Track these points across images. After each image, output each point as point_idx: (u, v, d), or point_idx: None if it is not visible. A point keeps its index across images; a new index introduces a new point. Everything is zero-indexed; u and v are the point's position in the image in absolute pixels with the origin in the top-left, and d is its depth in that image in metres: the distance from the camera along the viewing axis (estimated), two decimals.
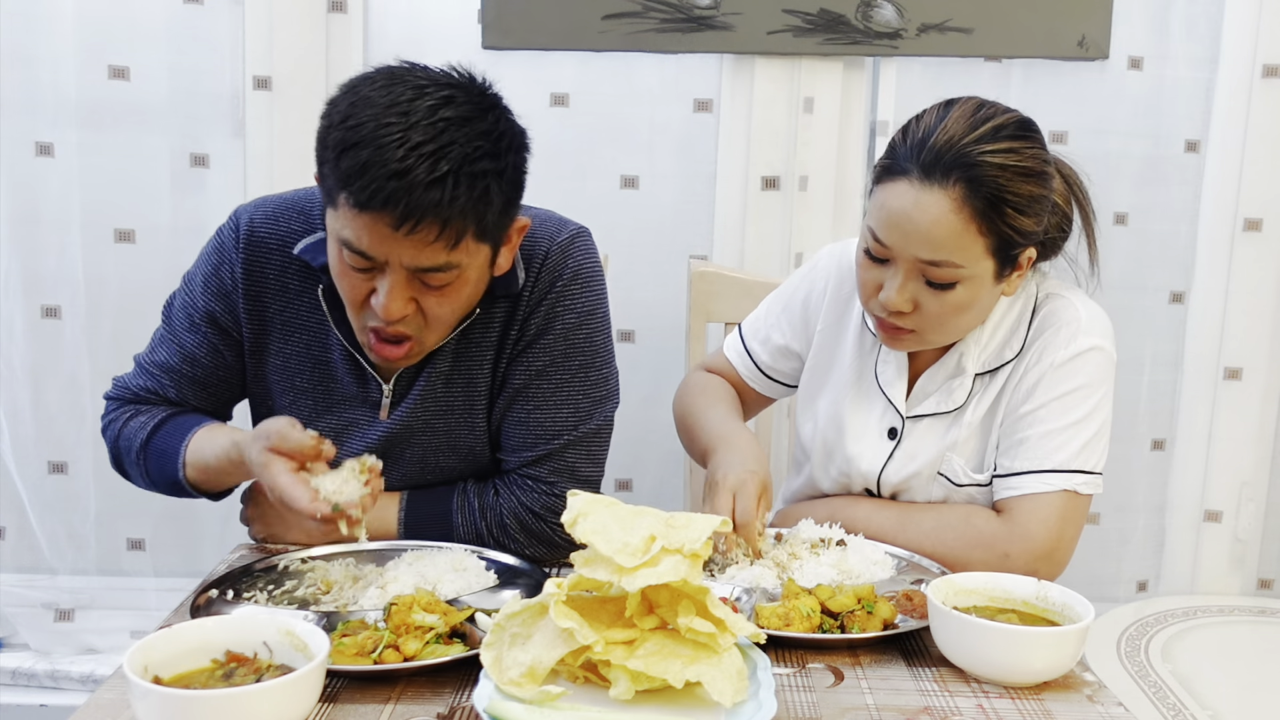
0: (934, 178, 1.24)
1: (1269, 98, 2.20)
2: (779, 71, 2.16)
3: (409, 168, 1.08)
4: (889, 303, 1.30)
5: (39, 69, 2.16)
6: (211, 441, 1.29)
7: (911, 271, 1.28)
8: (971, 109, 1.28)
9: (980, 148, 1.23)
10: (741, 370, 1.62)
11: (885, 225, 1.28)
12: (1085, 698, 1.02)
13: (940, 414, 1.42)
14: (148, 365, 1.39)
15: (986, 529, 1.34)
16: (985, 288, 1.30)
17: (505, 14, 2.13)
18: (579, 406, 1.35)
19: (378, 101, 1.11)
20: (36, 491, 2.31)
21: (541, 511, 1.32)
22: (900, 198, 1.26)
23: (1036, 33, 2.16)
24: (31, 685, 2.32)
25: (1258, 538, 2.38)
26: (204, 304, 1.35)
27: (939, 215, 1.24)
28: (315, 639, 0.93)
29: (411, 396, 1.34)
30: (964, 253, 1.25)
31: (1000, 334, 1.40)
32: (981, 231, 1.25)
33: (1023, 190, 1.25)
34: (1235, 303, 2.28)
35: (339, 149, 1.11)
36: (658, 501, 1.18)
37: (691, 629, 0.89)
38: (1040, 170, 1.28)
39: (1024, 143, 1.27)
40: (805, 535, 1.36)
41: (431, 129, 1.10)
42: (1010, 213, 1.25)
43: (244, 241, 1.33)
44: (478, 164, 1.12)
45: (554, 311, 1.33)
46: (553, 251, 1.34)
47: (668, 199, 2.25)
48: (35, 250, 2.22)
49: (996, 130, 1.25)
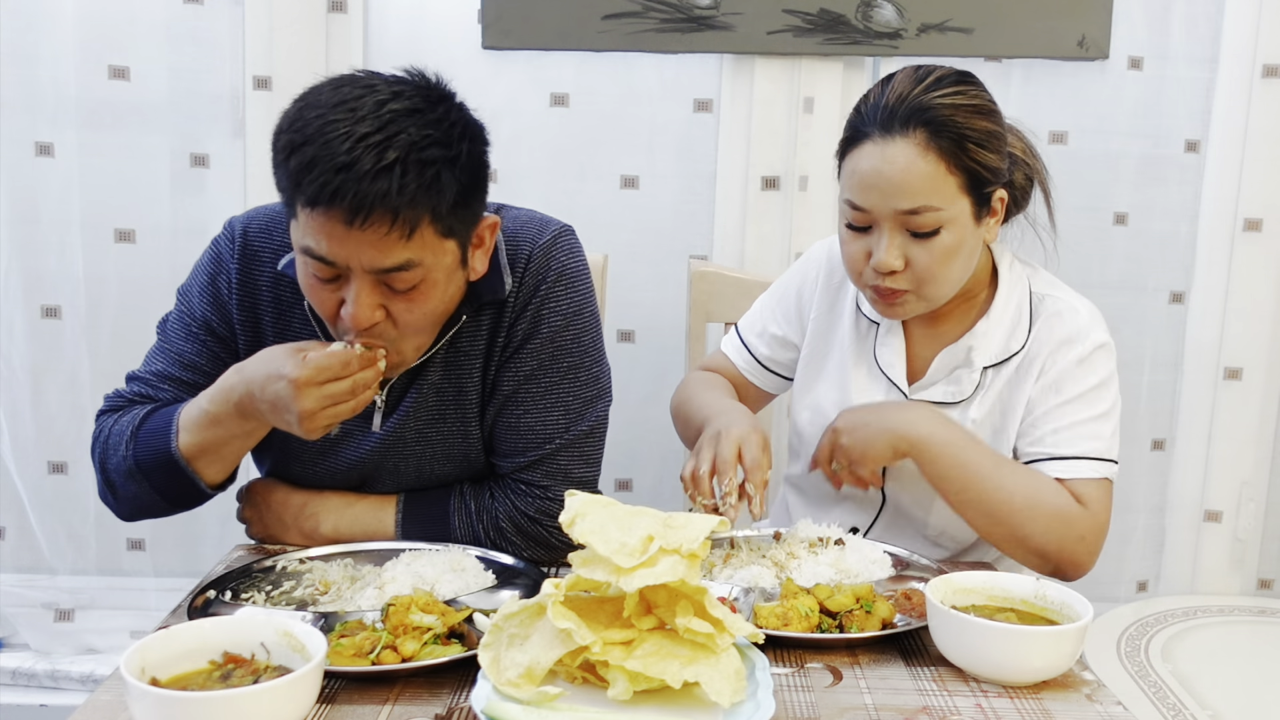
0: (894, 130, 1.30)
1: (1269, 98, 2.20)
2: (779, 71, 2.16)
3: (355, 159, 1.06)
4: (880, 264, 1.33)
5: (39, 69, 2.16)
6: (207, 393, 1.25)
7: (895, 227, 1.32)
8: (911, 70, 1.35)
9: (930, 95, 1.30)
10: (740, 365, 1.64)
11: (860, 188, 1.33)
12: (1084, 697, 1.02)
13: (945, 404, 1.44)
14: (144, 375, 1.35)
15: (1073, 509, 1.34)
16: (968, 229, 1.34)
17: (505, 14, 2.13)
18: (570, 408, 1.34)
19: (325, 102, 1.10)
20: (36, 491, 2.31)
21: (537, 515, 1.32)
22: (868, 158, 1.32)
23: (1036, 33, 2.16)
24: (31, 685, 2.33)
25: (1258, 538, 2.38)
26: (201, 313, 1.34)
27: (908, 162, 1.29)
28: (313, 640, 0.93)
29: (403, 407, 1.34)
30: (939, 194, 1.30)
31: (1004, 326, 1.43)
32: (951, 169, 1.30)
33: (979, 125, 1.31)
34: (1235, 303, 2.28)
35: (287, 151, 1.10)
36: (657, 501, 1.18)
37: (689, 629, 0.89)
38: (990, 108, 1.34)
39: (968, 85, 1.34)
40: (803, 534, 1.36)
41: (378, 120, 1.09)
42: (973, 148, 1.30)
43: (239, 252, 1.32)
44: (426, 151, 1.10)
45: (540, 314, 1.32)
46: (535, 254, 1.32)
47: (668, 199, 2.25)
48: (35, 250, 2.22)
49: (940, 79, 1.32)
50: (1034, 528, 1.33)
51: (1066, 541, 1.33)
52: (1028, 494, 1.34)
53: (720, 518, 0.95)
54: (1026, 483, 1.35)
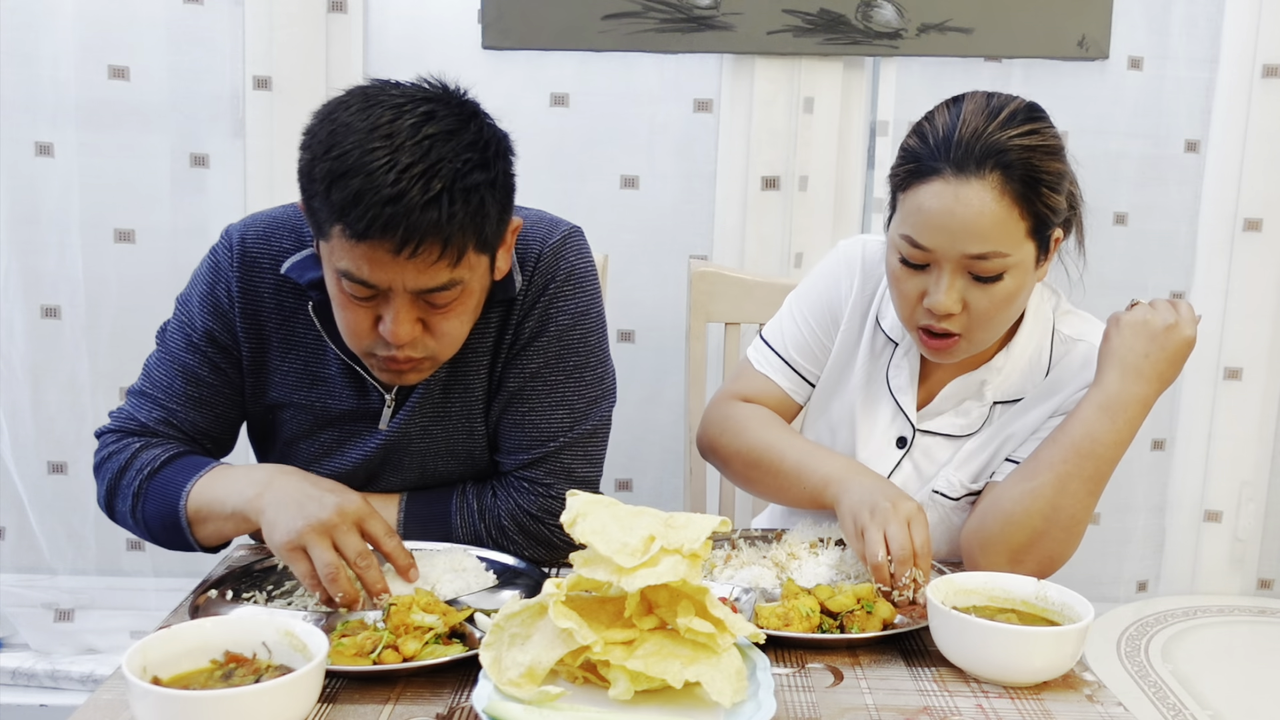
0: (969, 170, 1.23)
1: (1269, 98, 2.20)
2: (779, 71, 2.16)
3: (403, 191, 1.06)
4: (939, 306, 1.26)
5: (39, 69, 2.16)
6: (240, 473, 1.24)
7: (957, 270, 1.26)
8: (983, 101, 1.28)
9: (1006, 134, 1.24)
10: (786, 386, 1.52)
11: (926, 228, 1.25)
12: (1085, 697, 1.02)
13: (951, 436, 1.41)
14: (147, 390, 1.34)
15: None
16: (1028, 274, 1.29)
17: (505, 14, 2.13)
18: (574, 408, 1.35)
19: (358, 127, 1.09)
20: (36, 491, 2.31)
21: (539, 514, 1.32)
22: (938, 197, 1.24)
23: (1036, 33, 2.16)
24: (31, 685, 2.33)
25: (1258, 538, 2.38)
26: (202, 323, 1.32)
27: (982, 206, 1.22)
28: (314, 639, 0.93)
29: (409, 405, 1.34)
30: (1009, 240, 1.24)
31: (1022, 364, 1.39)
32: (1023, 215, 1.24)
33: (1052, 167, 1.26)
34: (1235, 303, 2.28)
35: (327, 180, 1.08)
36: (657, 501, 1.18)
37: (691, 629, 0.89)
38: (1060, 147, 1.29)
39: (1042, 123, 1.28)
40: (804, 535, 1.36)
41: (418, 149, 1.08)
42: (1045, 192, 1.25)
43: (238, 259, 1.31)
44: (470, 177, 1.10)
45: (547, 314, 1.32)
46: (545, 254, 1.32)
47: (668, 199, 2.25)
48: (35, 250, 2.22)
49: (1014, 115, 1.26)
50: (1027, 556, 1.30)
51: (1046, 552, 1.30)
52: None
53: (722, 518, 0.94)
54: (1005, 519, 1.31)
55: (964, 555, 1.35)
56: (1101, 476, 1.27)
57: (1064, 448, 1.27)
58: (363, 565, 1.12)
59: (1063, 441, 1.27)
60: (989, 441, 1.40)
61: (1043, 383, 1.38)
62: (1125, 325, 1.26)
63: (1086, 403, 1.27)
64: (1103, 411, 1.25)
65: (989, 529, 1.31)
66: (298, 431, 1.37)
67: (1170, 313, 1.26)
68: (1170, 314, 1.25)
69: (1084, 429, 1.26)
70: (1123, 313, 1.28)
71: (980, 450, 1.40)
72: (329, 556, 1.11)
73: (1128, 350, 1.25)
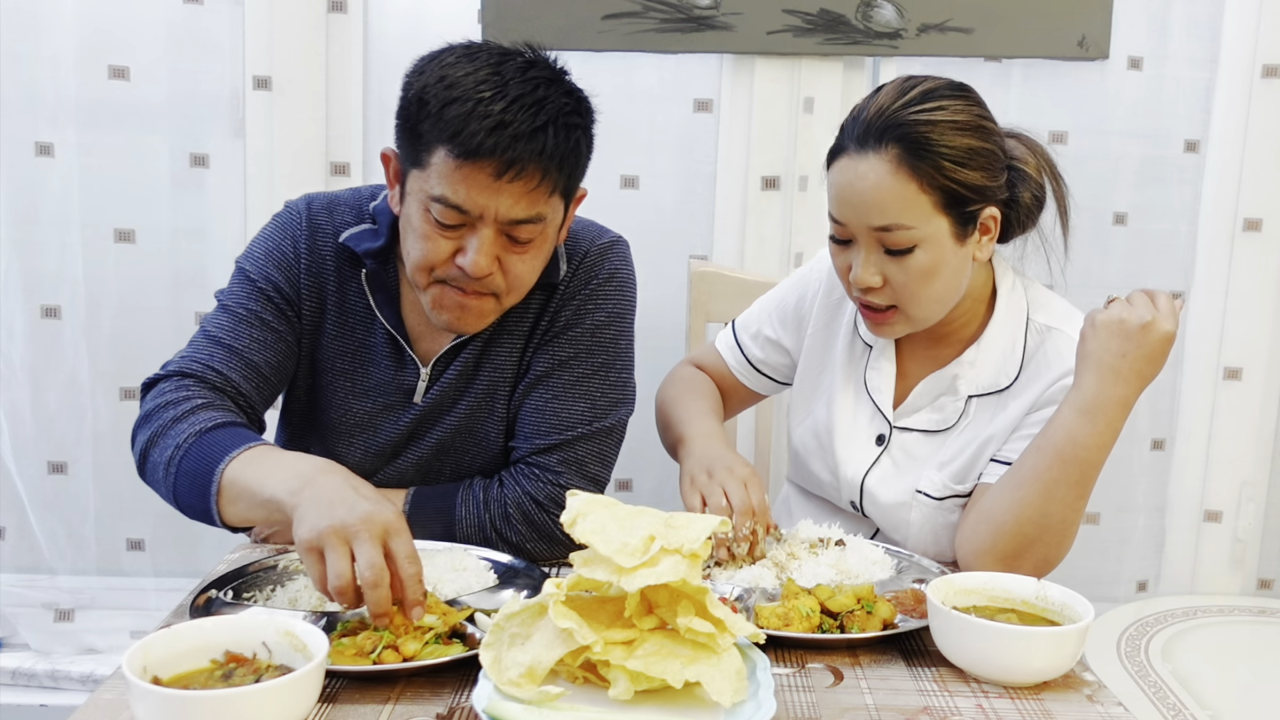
0: (868, 145, 1.28)
1: (1269, 98, 2.20)
2: (779, 71, 2.16)
3: (513, 118, 1.15)
4: (857, 279, 1.33)
5: (39, 69, 2.15)
6: (286, 460, 1.16)
7: (871, 243, 1.31)
8: (899, 81, 1.32)
9: (908, 110, 1.28)
10: (731, 364, 1.64)
11: (836, 202, 1.34)
12: (1085, 698, 1.02)
13: (929, 432, 1.42)
14: (211, 332, 1.31)
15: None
16: (947, 249, 1.31)
17: (505, 14, 2.13)
18: (596, 403, 1.38)
19: (466, 68, 1.19)
20: (36, 491, 2.31)
21: (545, 502, 1.33)
22: (843, 172, 1.31)
23: (1036, 33, 2.16)
24: (31, 685, 2.33)
25: (1258, 538, 2.38)
26: (268, 274, 1.35)
27: (878, 179, 1.27)
28: (314, 639, 0.93)
29: (444, 380, 1.38)
30: (911, 212, 1.28)
31: (994, 357, 1.39)
32: (923, 188, 1.27)
33: (957, 142, 1.27)
34: (1235, 303, 2.28)
35: (441, 104, 1.17)
36: (658, 501, 1.18)
37: (691, 629, 0.89)
38: (976, 124, 1.29)
39: (954, 100, 1.30)
40: (804, 535, 1.36)
41: (526, 84, 1.18)
42: (948, 165, 1.27)
43: (306, 221, 1.37)
44: (570, 118, 1.21)
45: (585, 307, 1.38)
46: (592, 252, 1.40)
47: (668, 199, 2.25)
48: (35, 250, 2.22)
49: (925, 94, 1.29)
50: (1022, 562, 1.30)
51: (1040, 556, 1.30)
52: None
53: (723, 518, 0.94)
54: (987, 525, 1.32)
55: (960, 562, 1.36)
56: (1088, 479, 1.26)
57: (1048, 454, 1.26)
58: (370, 581, 1.01)
59: (1046, 448, 1.26)
60: (970, 440, 1.40)
61: (1020, 376, 1.38)
62: (1101, 326, 1.23)
63: (1066, 407, 1.26)
64: (1083, 415, 1.24)
65: (982, 538, 1.31)
66: (333, 401, 1.40)
67: (1147, 308, 1.22)
68: (1147, 310, 1.22)
69: (1065, 434, 1.25)
70: (1099, 312, 1.25)
71: (962, 450, 1.40)
72: (341, 566, 1.01)
73: (1104, 351, 1.22)
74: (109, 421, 2.27)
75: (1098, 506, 2.35)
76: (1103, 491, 1.36)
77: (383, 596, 1.01)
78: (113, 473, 2.28)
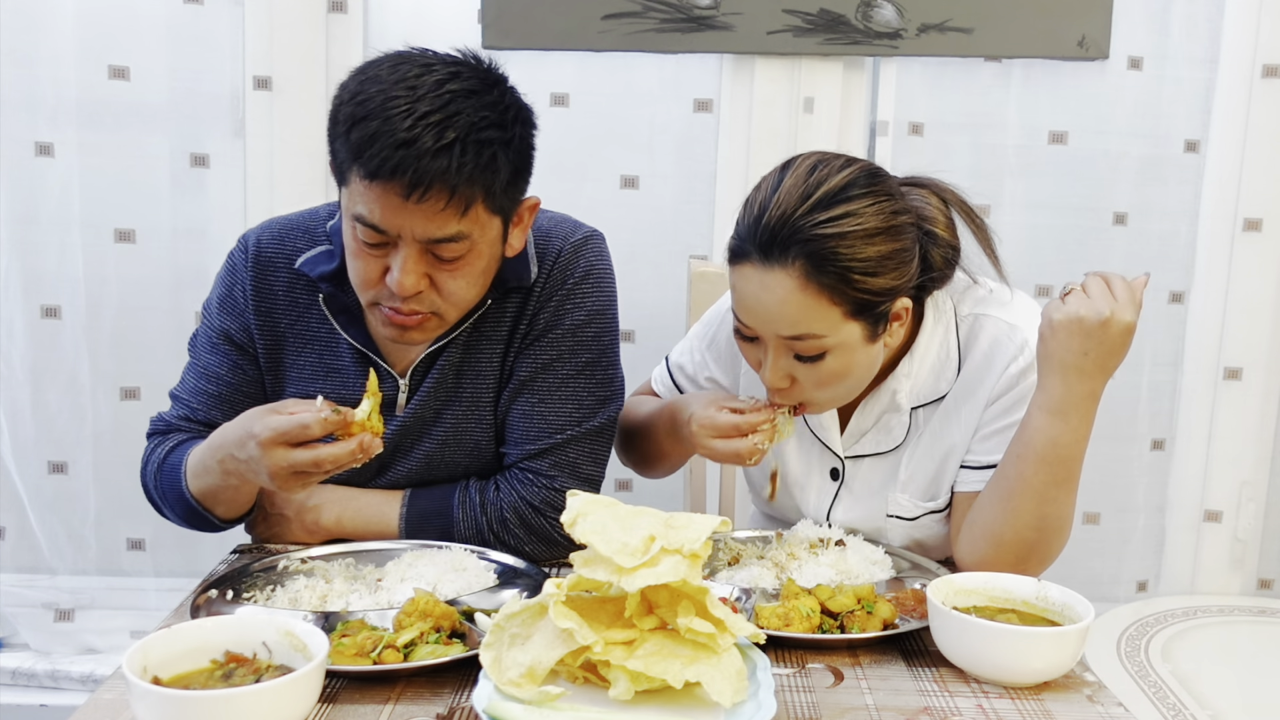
0: (773, 258, 1.19)
1: (1269, 98, 2.20)
2: (779, 71, 2.17)
3: (416, 136, 1.11)
4: (767, 383, 1.28)
5: (39, 69, 2.16)
6: (204, 445, 1.27)
7: (780, 348, 1.24)
8: (804, 173, 1.21)
9: (813, 219, 1.18)
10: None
11: (741, 308, 1.26)
12: (1085, 698, 1.02)
13: (880, 454, 1.40)
14: (177, 394, 1.41)
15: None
16: (858, 349, 1.25)
17: (505, 14, 2.13)
18: (583, 403, 1.37)
19: (386, 78, 1.14)
20: (36, 491, 2.31)
21: (541, 506, 1.33)
22: (748, 281, 1.22)
23: (1036, 33, 2.16)
24: (31, 685, 2.33)
25: (1258, 538, 2.38)
26: (220, 324, 1.39)
27: (786, 295, 1.19)
28: (314, 639, 0.93)
29: (424, 389, 1.36)
30: (822, 323, 1.21)
31: (929, 364, 1.36)
32: (834, 301, 1.20)
33: (867, 253, 1.19)
34: (1235, 303, 2.28)
35: (349, 123, 1.14)
36: (657, 501, 1.17)
37: (691, 629, 0.89)
38: (886, 226, 1.20)
39: (862, 202, 1.20)
40: (804, 535, 1.36)
41: (438, 99, 1.13)
42: (859, 278, 1.19)
43: (252, 261, 1.37)
44: (484, 132, 1.15)
45: (563, 307, 1.36)
46: (566, 250, 1.37)
47: (668, 199, 2.25)
48: (35, 250, 2.22)
49: (830, 196, 1.19)
50: (1026, 565, 1.28)
51: (1042, 555, 1.29)
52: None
53: (723, 518, 0.94)
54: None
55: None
56: (1073, 474, 1.26)
57: (1030, 461, 1.24)
58: (327, 466, 1.13)
59: (1027, 455, 1.24)
60: (927, 453, 1.38)
61: (960, 374, 1.35)
62: (1059, 326, 1.20)
63: (1037, 410, 1.24)
64: (1055, 415, 1.22)
65: (984, 553, 1.29)
66: None
67: (1105, 301, 1.19)
68: (1105, 303, 1.19)
69: (1043, 437, 1.23)
70: (1054, 310, 1.22)
71: (921, 465, 1.38)
72: (303, 458, 1.12)
73: (1065, 351, 1.20)
74: (109, 421, 2.27)
75: (1098, 506, 2.35)
76: (1103, 491, 1.36)
77: (337, 453, 1.13)
78: (113, 473, 2.28)
